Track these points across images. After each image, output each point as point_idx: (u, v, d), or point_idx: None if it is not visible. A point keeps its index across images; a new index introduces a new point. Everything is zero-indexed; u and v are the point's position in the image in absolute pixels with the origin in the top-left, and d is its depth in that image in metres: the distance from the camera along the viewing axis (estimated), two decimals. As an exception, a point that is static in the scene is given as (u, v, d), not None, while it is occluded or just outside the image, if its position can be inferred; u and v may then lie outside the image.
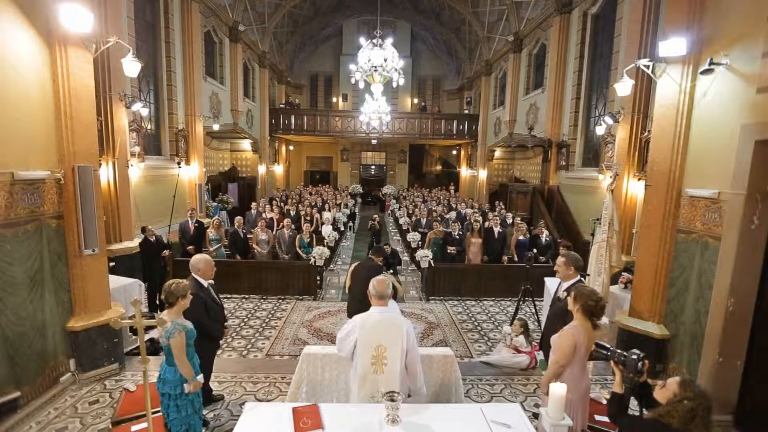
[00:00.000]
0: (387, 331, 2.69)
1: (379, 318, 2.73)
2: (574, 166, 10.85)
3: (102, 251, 4.26)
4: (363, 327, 2.72)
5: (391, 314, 2.78)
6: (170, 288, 2.81)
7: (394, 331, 2.70)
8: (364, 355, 2.68)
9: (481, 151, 18.05)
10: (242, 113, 14.71)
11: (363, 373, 2.69)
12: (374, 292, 2.77)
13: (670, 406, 2.00)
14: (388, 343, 2.68)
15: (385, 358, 2.67)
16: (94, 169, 4.07)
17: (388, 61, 8.72)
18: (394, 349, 2.66)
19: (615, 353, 2.23)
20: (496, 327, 6.55)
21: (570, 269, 3.23)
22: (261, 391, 4.17)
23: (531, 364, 4.71)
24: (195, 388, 2.82)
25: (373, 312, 2.77)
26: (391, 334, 2.69)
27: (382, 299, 2.76)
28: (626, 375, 2.15)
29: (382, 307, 2.77)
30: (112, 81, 7.31)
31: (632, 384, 2.13)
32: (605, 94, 9.59)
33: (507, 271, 7.96)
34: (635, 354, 2.14)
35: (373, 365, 2.68)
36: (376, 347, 2.68)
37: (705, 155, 3.91)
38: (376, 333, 2.69)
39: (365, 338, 2.69)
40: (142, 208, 8.69)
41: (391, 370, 2.65)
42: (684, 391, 2.00)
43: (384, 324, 2.71)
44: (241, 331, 6.10)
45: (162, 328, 2.78)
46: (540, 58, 13.29)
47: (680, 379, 2.07)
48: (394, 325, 2.72)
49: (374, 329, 2.70)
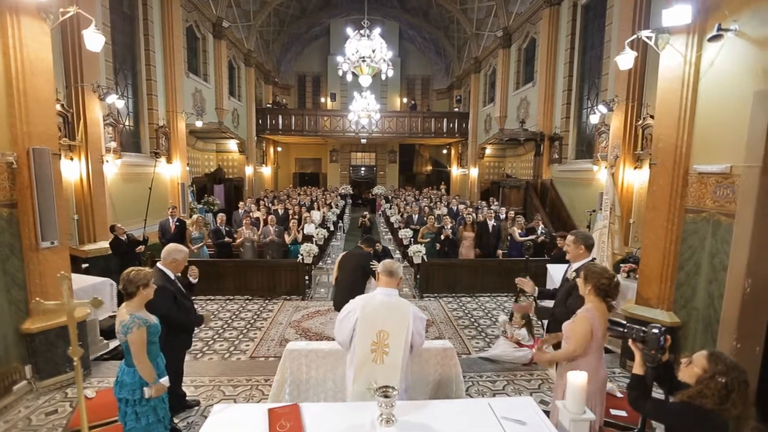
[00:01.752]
0: (391, 315, 2.37)
1: (384, 300, 2.42)
2: (567, 159, 10.68)
3: (63, 244, 3.86)
4: (365, 308, 2.38)
5: (397, 298, 2.46)
6: (129, 276, 2.45)
7: (399, 316, 2.38)
8: (363, 340, 2.35)
9: (472, 149, 17.88)
10: (227, 112, 14.30)
11: (360, 362, 2.35)
12: (382, 268, 2.46)
13: (701, 385, 1.72)
14: (391, 329, 2.35)
15: (387, 347, 2.33)
16: (53, 153, 3.67)
17: (376, 52, 8.43)
18: (398, 337, 2.33)
19: (632, 329, 1.96)
20: (493, 323, 6.25)
21: (580, 248, 2.94)
22: (242, 395, 3.79)
23: (533, 359, 4.41)
24: (157, 393, 2.44)
25: (378, 293, 2.45)
26: (396, 320, 2.37)
27: (392, 276, 2.44)
28: (647, 353, 1.88)
29: (390, 289, 2.44)
30: (85, 70, 6.92)
31: (655, 362, 1.86)
32: (597, 85, 9.45)
33: (503, 265, 7.69)
34: (656, 328, 1.87)
35: (372, 353, 2.34)
36: (378, 333, 2.35)
37: (714, 128, 3.67)
38: (379, 316, 2.37)
39: (366, 321, 2.36)
40: (119, 207, 8.24)
41: (392, 360, 2.32)
42: (715, 365, 1.71)
43: (389, 307, 2.40)
44: (224, 333, 5.69)
45: (119, 323, 2.42)
46: (530, 52, 13.17)
47: (708, 352, 1.78)
48: (399, 310, 2.40)
49: (377, 312, 2.38)
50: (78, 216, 7.06)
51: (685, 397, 1.72)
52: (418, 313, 2.47)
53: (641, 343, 1.93)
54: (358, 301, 2.45)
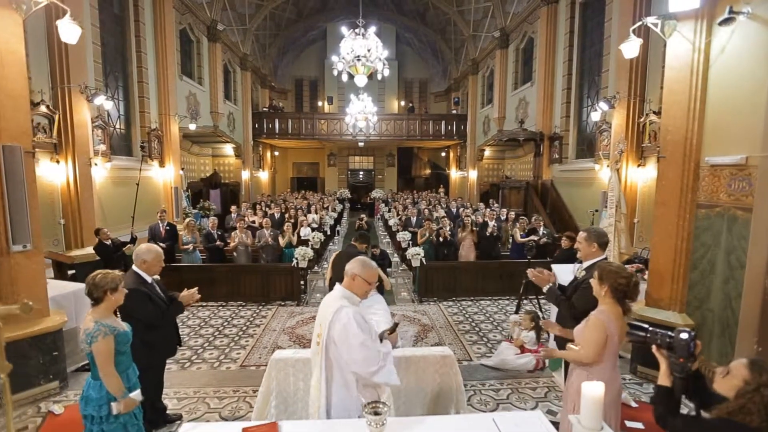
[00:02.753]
0: (323, 312, 2.18)
1: (328, 295, 2.27)
2: (568, 159, 10.48)
3: (37, 248, 3.63)
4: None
5: (335, 295, 2.21)
6: (95, 279, 2.22)
7: (326, 314, 2.13)
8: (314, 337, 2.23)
9: (471, 151, 17.70)
10: (223, 115, 14.12)
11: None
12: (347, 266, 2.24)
13: (743, 399, 1.48)
14: (321, 328, 2.15)
15: (318, 348, 2.14)
16: (25, 151, 3.46)
17: (371, 51, 8.25)
18: (321, 338, 2.11)
19: (656, 334, 1.71)
20: (495, 327, 6.01)
21: (593, 245, 2.71)
22: (227, 407, 3.54)
23: (538, 366, 4.17)
24: (126, 408, 2.20)
25: (335, 289, 2.27)
26: (323, 319, 2.14)
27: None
28: (675, 361, 1.64)
29: (343, 290, 2.21)
30: (72, 71, 6.72)
31: (684, 372, 1.61)
32: (597, 82, 9.28)
33: (504, 268, 7.46)
34: (685, 332, 1.63)
35: (317, 345, 2.18)
36: (319, 328, 2.17)
37: (726, 118, 3.47)
38: (320, 312, 2.22)
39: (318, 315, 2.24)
40: (109, 212, 8.01)
41: (315, 356, 2.17)
42: (759, 376, 1.48)
43: (324, 303, 2.22)
44: (215, 341, 5.45)
45: (83, 331, 2.19)
46: (528, 52, 13.03)
47: (748, 361, 1.55)
48: (329, 307, 2.15)
49: (321, 306, 2.24)
50: (64, 220, 6.84)
51: (725, 412, 1.48)
52: (345, 315, 2.05)
53: (667, 350, 1.68)
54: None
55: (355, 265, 2.21)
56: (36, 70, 6.33)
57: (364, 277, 2.19)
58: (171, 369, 4.48)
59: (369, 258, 2.40)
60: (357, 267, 2.20)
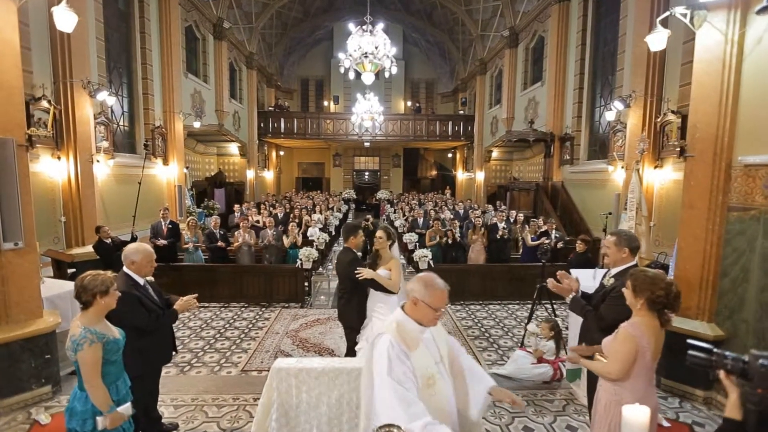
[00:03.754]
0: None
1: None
2: (579, 160, 10.22)
3: (30, 246, 3.47)
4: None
5: (390, 318, 1.93)
6: (83, 282, 2.04)
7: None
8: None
9: (478, 153, 17.46)
10: (228, 114, 14.00)
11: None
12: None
13: None
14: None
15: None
16: (18, 144, 3.30)
17: (379, 48, 8.07)
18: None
19: (726, 358, 1.43)
20: (506, 333, 5.79)
21: (623, 251, 2.47)
22: (226, 417, 3.35)
23: (555, 376, 3.94)
24: (113, 424, 2.01)
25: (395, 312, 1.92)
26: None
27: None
28: (751, 391, 1.37)
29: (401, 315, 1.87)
30: (74, 66, 6.60)
31: (763, 404, 1.35)
32: (611, 82, 9.01)
33: (514, 271, 7.23)
34: (765, 358, 1.36)
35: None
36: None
37: (762, 113, 3.23)
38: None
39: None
40: (111, 210, 7.88)
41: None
42: None
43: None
44: (216, 343, 5.27)
45: (69, 337, 2.00)
46: (538, 51, 12.78)
47: None
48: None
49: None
50: (65, 218, 6.71)
51: None
52: (383, 343, 1.74)
53: (740, 377, 1.41)
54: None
55: (416, 286, 1.79)
56: (38, 65, 6.21)
57: (428, 302, 1.74)
58: (170, 373, 4.31)
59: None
60: (418, 288, 1.77)
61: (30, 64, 6.05)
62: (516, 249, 8.71)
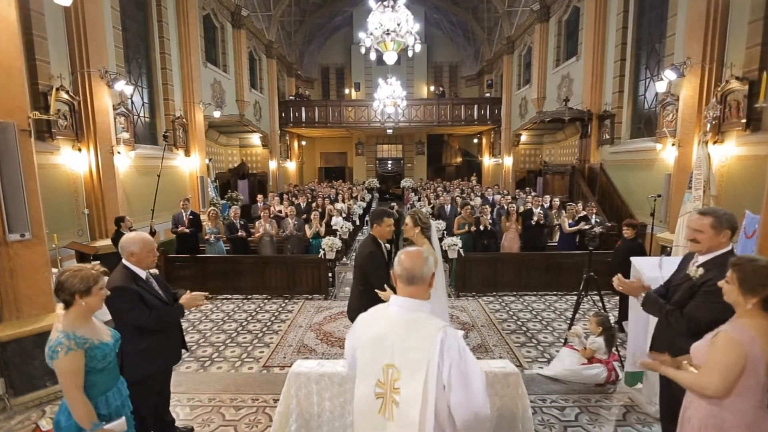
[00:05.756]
0: (404, 341, 1.45)
1: (395, 316, 1.52)
2: (621, 139, 9.41)
3: (38, 238, 3.29)
4: (364, 329, 1.57)
5: (421, 314, 1.50)
6: (60, 279, 1.75)
7: (417, 344, 1.43)
8: (364, 380, 1.53)
9: (506, 136, 16.66)
10: (249, 104, 13.85)
11: (360, 411, 1.52)
12: (398, 269, 1.54)
13: None
14: (402, 364, 1.44)
15: (396, 392, 1.44)
16: (20, 129, 3.09)
17: (402, 26, 7.57)
18: (413, 377, 1.40)
19: None
20: (545, 327, 5.32)
21: (723, 234, 1.94)
22: (244, 420, 3.08)
23: (610, 378, 3.47)
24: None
25: (391, 305, 1.55)
26: (412, 350, 1.43)
27: (413, 284, 1.51)
28: None
29: (408, 300, 1.51)
30: (91, 55, 6.47)
31: None
32: (659, 50, 8.15)
33: (551, 260, 6.68)
34: None
35: (378, 399, 1.48)
36: (385, 369, 1.47)
37: None
38: (386, 343, 1.48)
39: (367, 348, 1.54)
40: (134, 201, 7.83)
41: (405, 417, 1.41)
42: None
43: (401, 328, 1.48)
44: (237, 337, 5.07)
45: (47, 343, 1.73)
46: (572, 23, 11.87)
47: None
48: (419, 333, 1.44)
49: (381, 337, 1.50)
50: (88, 210, 6.68)
51: None
52: (453, 343, 1.40)
53: None
54: (359, 318, 1.63)
55: (418, 261, 1.58)
56: (55, 55, 6.11)
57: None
58: (190, 369, 4.13)
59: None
60: (425, 263, 1.58)
61: (47, 53, 5.97)
62: (551, 236, 8.13)
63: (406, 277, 1.52)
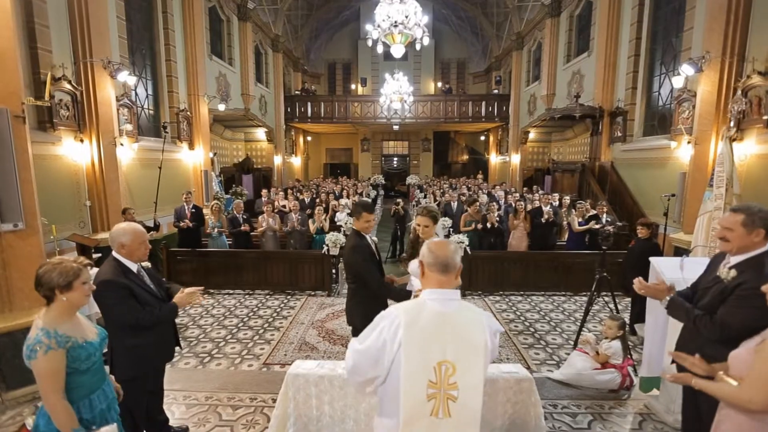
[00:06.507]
0: (457, 333, 1.40)
1: (439, 311, 1.42)
2: (633, 137, 9.17)
3: (32, 228, 3.19)
4: (410, 326, 1.41)
5: (462, 305, 1.47)
6: (38, 273, 1.63)
7: (469, 336, 1.41)
8: (413, 386, 1.38)
9: (514, 134, 16.43)
10: (254, 98, 13.74)
11: (410, 416, 1.38)
12: (430, 258, 1.47)
13: None
14: (459, 359, 1.39)
15: (454, 388, 1.37)
16: (14, 115, 2.98)
17: (410, 18, 7.40)
18: (472, 371, 1.39)
19: None
20: (553, 328, 5.16)
21: (756, 233, 1.77)
22: (242, 420, 2.97)
23: (624, 384, 3.31)
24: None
25: (427, 299, 1.45)
26: (466, 343, 1.40)
27: (447, 273, 1.46)
28: None
29: (446, 291, 1.45)
30: (94, 45, 6.37)
31: None
32: (675, 45, 7.90)
33: (560, 259, 6.51)
34: None
35: (430, 400, 1.38)
36: (438, 366, 1.38)
37: None
38: (437, 339, 1.40)
39: (416, 348, 1.39)
40: (137, 194, 7.76)
41: (465, 410, 1.38)
42: None
43: (449, 321, 1.42)
44: (238, 333, 4.97)
45: (25, 342, 1.62)
46: (584, 18, 11.60)
47: None
48: (469, 326, 1.43)
49: (431, 332, 1.40)
50: (90, 202, 6.60)
51: None
52: (494, 326, 1.52)
53: None
54: (395, 314, 1.44)
55: (448, 250, 1.55)
56: (57, 44, 6.02)
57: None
58: (189, 364, 4.03)
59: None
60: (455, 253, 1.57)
61: (49, 42, 5.87)
62: (560, 235, 7.94)
63: (441, 264, 1.47)
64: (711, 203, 3.80)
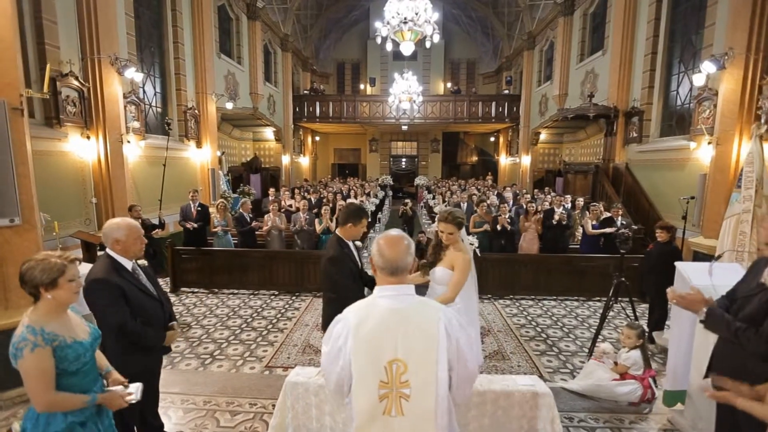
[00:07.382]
0: (407, 331, 1.38)
1: (390, 307, 1.40)
2: (650, 138, 8.89)
3: (29, 224, 3.10)
4: (358, 327, 1.38)
5: (415, 300, 1.44)
6: (21, 269, 1.53)
7: (420, 331, 1.38)
8: (363, 386, 1.37)
9: (524, 135, 16.16)
10: (263, 97, 13.71)
11: (365, 420, 1.37)
12: (380, 261, 1.44)
13: None
14: (409, 355, 1.36)
15: (406, 386, 1.35)
16: (12, 108, 2.90)
17: (420, 15, 7.26)
18: (422, 365, 1.36)
19: None
20: (566, 334, 4.96)
21: None
22: (240, 427, 2.84)
23: (645, 396, 3.10)
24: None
25: (378, 297, 1.43)
26: (417, 339, 1.38)
27: (395, 275, 1.43)
28: None
29: (396, 287, 1.43)
30: (102, 41, 6.34)
31: None
32: (695, 42, 7.63)
33: (573, 263, 6.29)
34: None
35: (382, 400, 1.36)
36: (389, 365, 1.36)
37: None
38: (387, 337, 1.37)
39: (364, 349, 1.37)
40: (144, 192, 7.72)
41: (418, 408, 1.35)
42: None
43: (400, 319, 1.39)
44: (241, 334, 4.85)
45: (12, 340, 1.51)
46: (598, 16, 11.34)
47: None
48: (419, 321, 1.40)
49: (379, 334, 1.37)
50: (96, 199, 6.57)
51: None
52: (453, 320, 1.41)
53: None
54: (346, 315, 1.43)
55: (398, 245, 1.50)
56: (65, 40, 6.00)
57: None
58: (190, 366, 3.92)
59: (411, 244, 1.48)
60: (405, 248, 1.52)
61: (56, 38, 5.85)
62: (573, 237, 7.71)
63: (389, 269, 1.42)
64: (739, 205, 3.57)
